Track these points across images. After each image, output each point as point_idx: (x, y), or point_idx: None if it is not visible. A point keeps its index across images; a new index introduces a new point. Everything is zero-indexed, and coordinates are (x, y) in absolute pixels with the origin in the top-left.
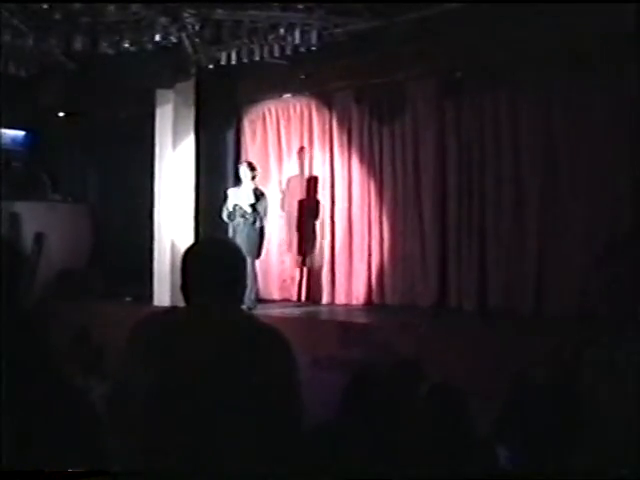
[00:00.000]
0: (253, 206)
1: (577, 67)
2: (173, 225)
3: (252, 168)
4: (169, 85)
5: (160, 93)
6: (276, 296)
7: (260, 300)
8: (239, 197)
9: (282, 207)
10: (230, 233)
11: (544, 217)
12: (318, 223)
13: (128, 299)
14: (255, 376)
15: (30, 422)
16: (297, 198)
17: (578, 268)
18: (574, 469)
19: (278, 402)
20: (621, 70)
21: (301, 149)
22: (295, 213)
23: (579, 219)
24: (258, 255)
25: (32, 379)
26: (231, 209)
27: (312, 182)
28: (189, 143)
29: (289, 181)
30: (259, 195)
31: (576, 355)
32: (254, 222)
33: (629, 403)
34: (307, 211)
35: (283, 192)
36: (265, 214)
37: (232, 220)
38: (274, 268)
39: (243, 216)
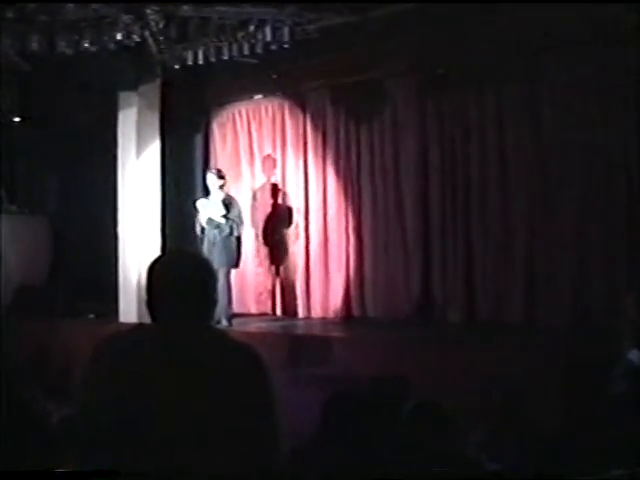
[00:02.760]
0: (225, 216)
1: (569, 62)
2: (139, 237)
3: (220, 176)
4: (132, 87)
5: (123, 96)
6: (253, 310)
7: (236, 314)
8: (209, 209)
9: (253, 215)
10: (205, 246)
11: (534, 223)
12: (292, 231)
13: (91, 316)
14: (228, 397)
15: None
16: (269, 205)
17: (571, 276)
18: None
19: (253, 423)
20: (613, 66)
21: (273, 153)
22: (267, 221)
23: (571, 225)
24: (236, 265)
25: None
26: (204, 223)
27: (285, 189)
28: (154, 149)
29: (261, 187)
30: (228, 204)
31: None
32: (230, 232)
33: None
34: (280, 219)
35: (254, 199)
36: (241, 221)
37: (207, 234)
38: (250, 280)
39: (217, 227)
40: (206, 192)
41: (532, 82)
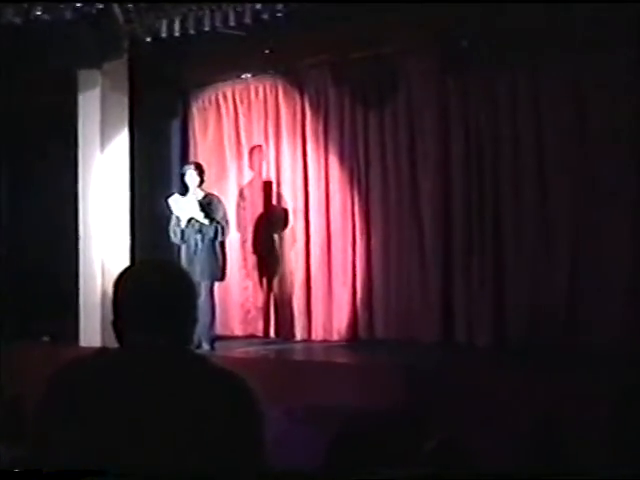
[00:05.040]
0: (210, 216)
1: (617, 33)
2: (103, 244)
3: (201, 171)
4: (95, 64)
5: (83, 75)
6: (239, 331)
7: (220, 337)
8: (186, 208)
9: (240, 218)
10: (184, 255)
11: (577, 227)
12: (287, 237)
13: (46, 339)
14: (210, 434)
15: None
16: (260, 206)
17: (621, 290)
18: None
19: (241, 464)
20: None
21: (265, 144)
22: (257, 225)
23: (623, 232)
24: (222, 277)
25: None
26: (184, 225)
27: (279, 186)
28: (122, 140)
29: (250, 185)
30: (211, 203)
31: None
32: (215, 236)
33: None
34: (273, 222)
35: (242, 198)
36: (227, 224)
37: (187, 239)
38: (236, 296)
39: (200, 231)
40: (184, 190)
41: (576, 57)
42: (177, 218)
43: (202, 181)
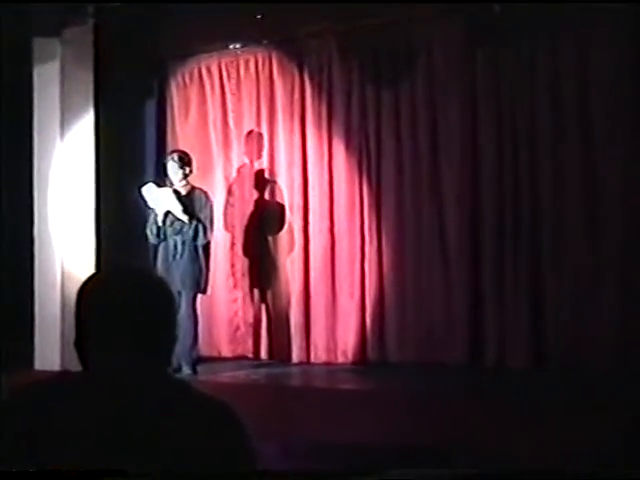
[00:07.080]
0: (188, 212)
1: None
2: (64, 248)
3: (185, 162)
4: (54, 32)
5: (40, 44)
6: (226, 352)
7: (203, 359)
8: (163, 201)
9: (228, 215)
10: (161, 260)
11: (630, 230)
12: (284, 240)
13: None
14: (191, 472)
15: None
16: (251, 203)
17: None
18: None
19: None
20: None
21: (257, 128)
22: (248, 225)
23: None
24: (204, 289)
25: None
26: (161, 222)
27: (274, 178)
28: (86, 123)
29: (239, 177)
30: (189, 197)
31: None
32: (195, 237)
33: None
34: (267, 222)
35: (231, 194)
36: (211, 224)
37: (164, 239)
38: (222, 310)
39: (180, 232)
40: (164, 183)
41: (629, 23)
42: (155, 214)
43: (187, 173)
